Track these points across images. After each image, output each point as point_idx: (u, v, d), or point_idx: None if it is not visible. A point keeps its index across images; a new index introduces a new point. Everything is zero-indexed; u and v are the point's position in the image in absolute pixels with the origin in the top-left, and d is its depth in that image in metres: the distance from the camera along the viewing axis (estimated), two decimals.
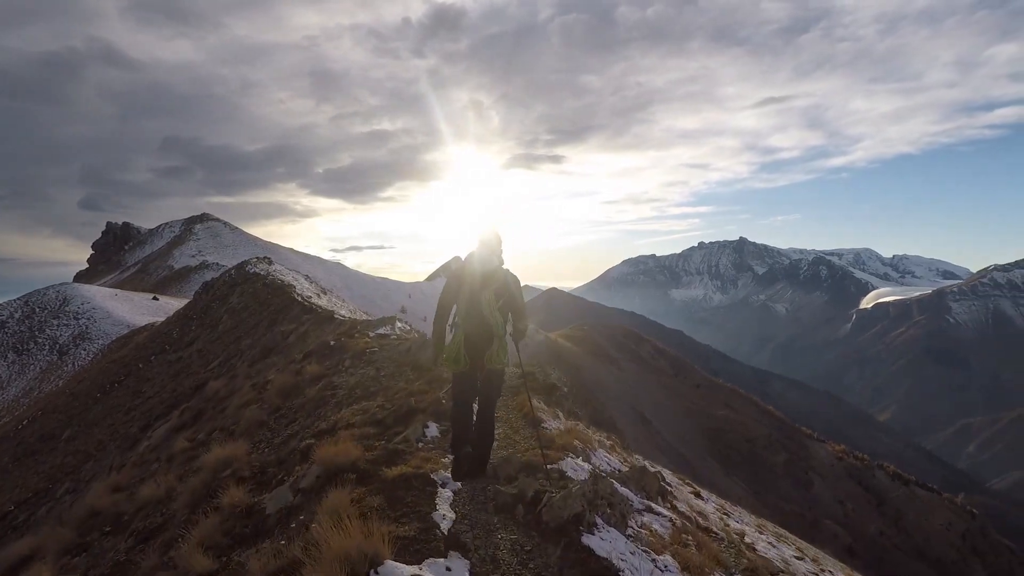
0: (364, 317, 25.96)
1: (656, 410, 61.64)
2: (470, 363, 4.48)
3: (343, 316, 15.17)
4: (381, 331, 12.02)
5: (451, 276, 4.69)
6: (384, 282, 69.64)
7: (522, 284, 4.84)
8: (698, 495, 11.97)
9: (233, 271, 26.24)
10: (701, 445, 57.80)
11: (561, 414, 8.67)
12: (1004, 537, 55.08)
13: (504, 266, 4.68)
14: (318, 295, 21.99)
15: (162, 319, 27.43)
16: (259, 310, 17.70)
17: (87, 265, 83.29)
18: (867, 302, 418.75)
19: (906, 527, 49.98)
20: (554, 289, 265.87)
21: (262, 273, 23.36)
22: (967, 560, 48.37)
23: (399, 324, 13.19)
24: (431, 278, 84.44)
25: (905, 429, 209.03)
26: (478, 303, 4.42)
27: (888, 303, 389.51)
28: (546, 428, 6.45)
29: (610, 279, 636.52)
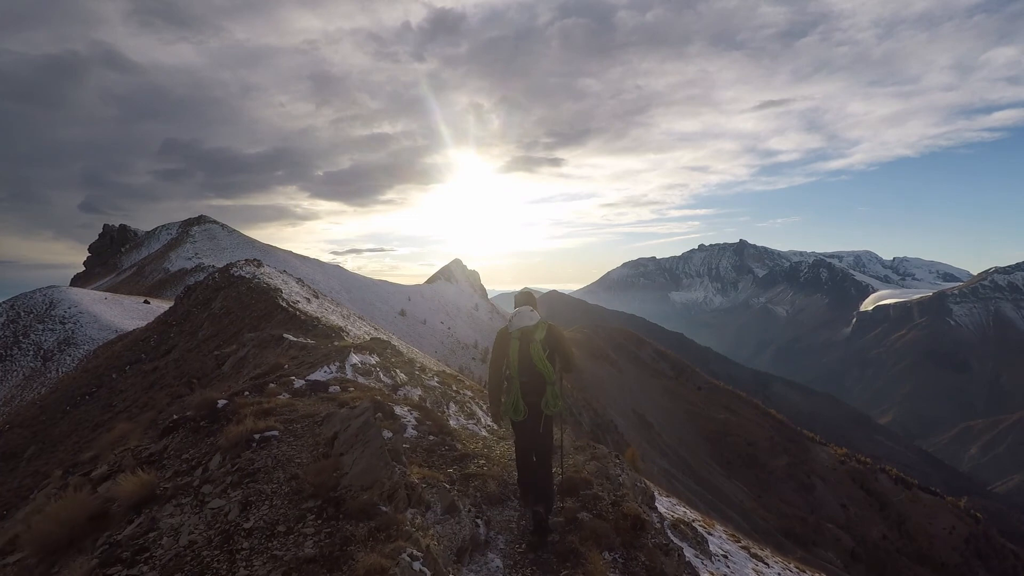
0: (360, 322, 25.49)
1: (657, 413, 61.24)
2: (528, 412, 4.91)
3: (292, 338, 11.79)
4: (319, 375, 8.11)
5: (497, 339, 5.12)
6: (383, 285, 69.25)
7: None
8: (760, 559, 10.25)
9: (217, 274, 24.91)
10: (702, 448, 57.38)
11: None
12: (1007, 540, 54.62)
13: (543, 320, 5.16)
14: (308, 299, 21.19)
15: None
16: (241, 316, 16.76)
17: (84, 268, 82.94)
18: (867, 304, 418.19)
19: (909, 531, 49.54)
20: (554, 291, 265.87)
21: (248, 276, 22.21)
22: (970, 564, 47.92)
23: (355, 360, 9.02)
24: (431, 281, 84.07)
25: (906, 432, 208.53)
26: (528, 354, 4.89)
27: (889, 305, 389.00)
28: None
29: (610, 281, 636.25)
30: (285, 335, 11.94)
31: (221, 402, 6.69)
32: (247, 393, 7.34)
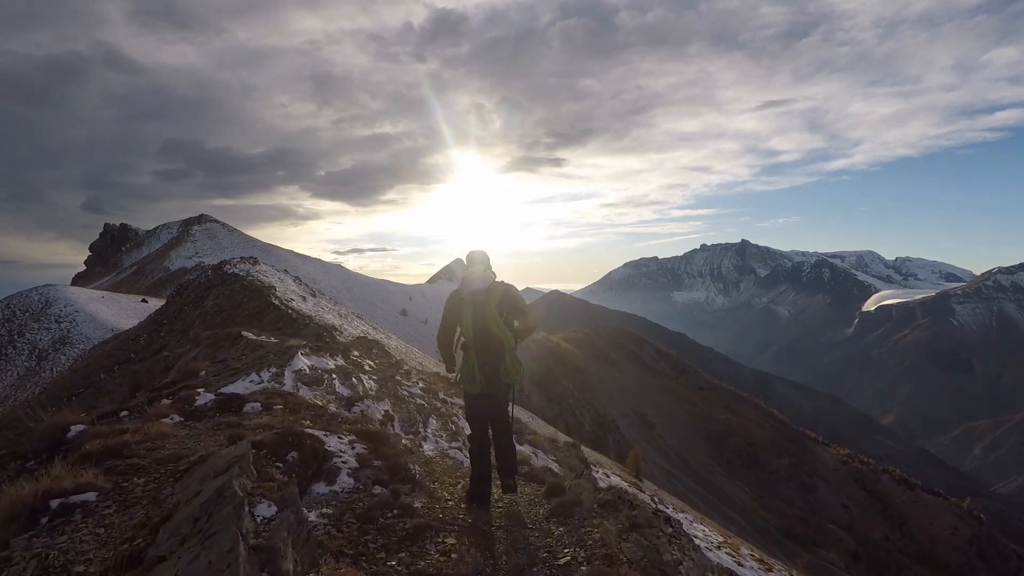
0: (357, 321, 25.35)
1: (658, 413, 61.05)
2: (486, 382, 4.51)
3: (252, 336, 10.27)
4: (241, 386, 6.08)
5: (450, 301, 4.70)
6: (384, 284, 69.18)
7: (524, 286, 4.80)
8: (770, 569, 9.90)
9: (210, 272, 24.30)
10: (703, 448, 57.20)
11: None
12: (1009, 541, 54.42)
13: (498, 279, 4.75)
14: (303, 298, 20.98)
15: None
16: (233, 314, 16.50)
17: (85, 267, 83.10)
18: (870, 304, 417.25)
19: (911, 532, 49.31)
20: (556, 291, 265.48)
21: (241, 274, 21.77)
22: (973, 565, 47.69)
23: (301, 364, 7.02)
24: (432, 280, 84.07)
25: (908, 432, 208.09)
26: (484, 320, 4.48)
27: (891, 306, 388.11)
28: None
29: (612, 281, 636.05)
30: (244, 333, 10.30)
31: (76, 428, 4.45)
32: (125, 413, 5.23)
